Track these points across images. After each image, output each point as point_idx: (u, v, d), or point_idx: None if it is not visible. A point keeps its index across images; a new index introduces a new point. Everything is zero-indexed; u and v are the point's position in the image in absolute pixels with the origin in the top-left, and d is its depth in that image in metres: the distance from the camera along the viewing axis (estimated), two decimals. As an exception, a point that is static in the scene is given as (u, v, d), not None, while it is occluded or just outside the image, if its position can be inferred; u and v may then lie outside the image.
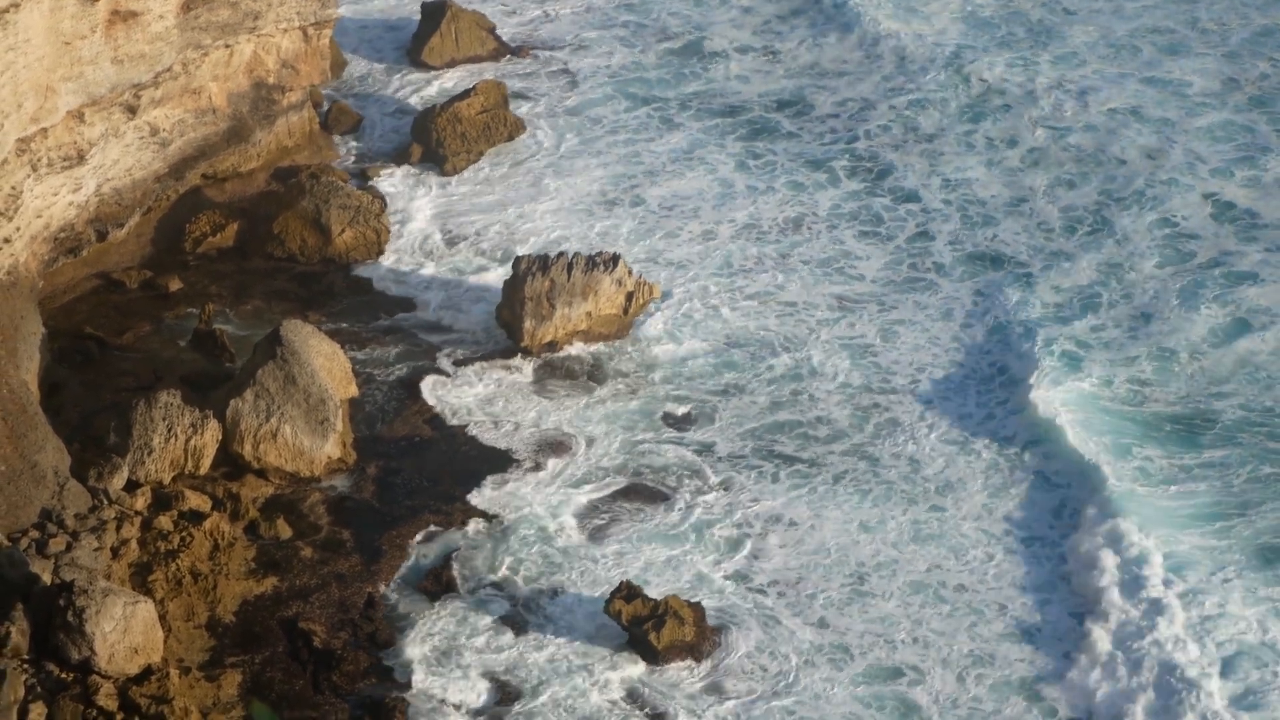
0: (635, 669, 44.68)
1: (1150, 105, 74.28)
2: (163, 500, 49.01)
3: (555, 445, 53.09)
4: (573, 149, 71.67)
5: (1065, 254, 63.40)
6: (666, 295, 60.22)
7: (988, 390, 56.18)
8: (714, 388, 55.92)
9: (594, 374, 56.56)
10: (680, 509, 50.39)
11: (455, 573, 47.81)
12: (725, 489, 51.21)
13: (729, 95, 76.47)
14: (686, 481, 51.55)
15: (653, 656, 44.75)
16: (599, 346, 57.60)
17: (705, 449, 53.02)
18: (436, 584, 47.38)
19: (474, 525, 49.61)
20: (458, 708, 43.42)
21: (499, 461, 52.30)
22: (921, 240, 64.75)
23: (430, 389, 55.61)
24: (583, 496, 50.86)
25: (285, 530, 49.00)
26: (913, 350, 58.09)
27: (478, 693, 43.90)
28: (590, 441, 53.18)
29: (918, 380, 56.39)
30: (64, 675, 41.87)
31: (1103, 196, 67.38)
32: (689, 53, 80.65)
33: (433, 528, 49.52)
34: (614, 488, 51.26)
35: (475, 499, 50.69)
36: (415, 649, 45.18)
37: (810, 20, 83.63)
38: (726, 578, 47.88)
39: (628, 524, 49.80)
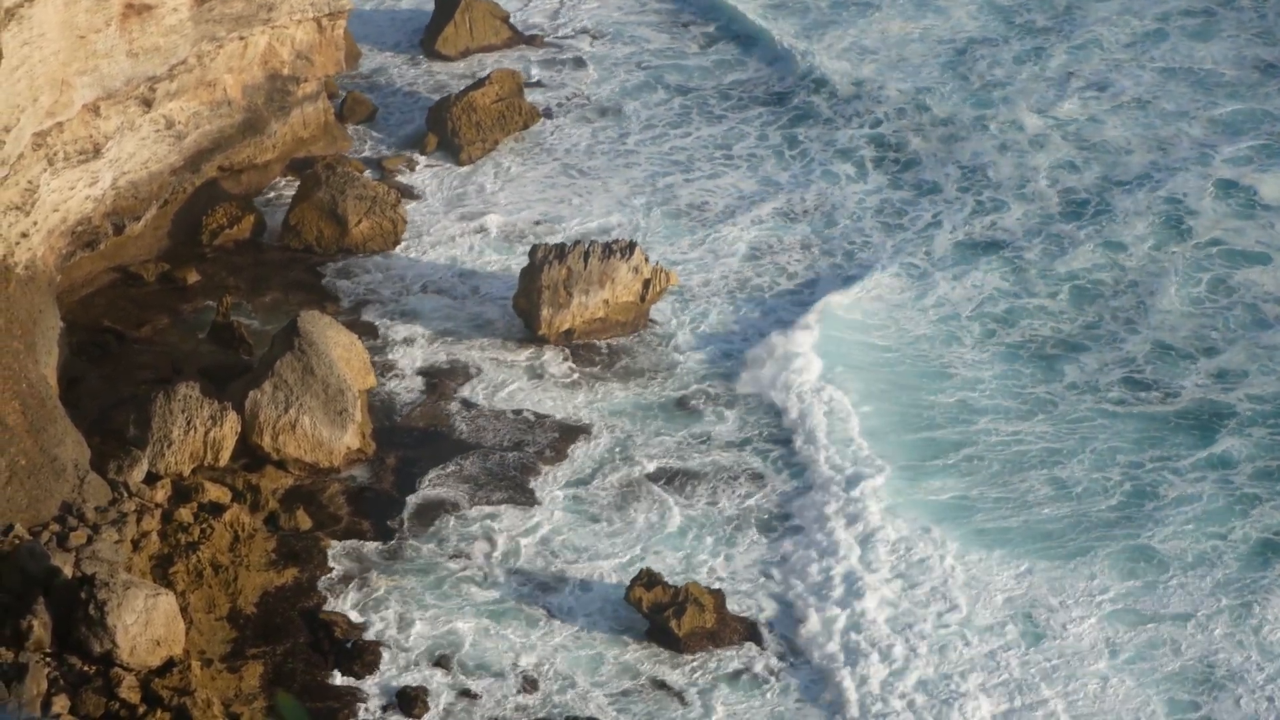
0: (656, 656, 44.65)
1: (1165, 98, 73.60)
2: (182, 492, 49.10)
3: (573, 434, 53.07)
4: (586, 135, 71.70)
5: (1067, 240, 63.07)
6: (686, 286, 60.25)
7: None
8: (730, 378, 55.78)
9: (611, 363, 56.51)
10: (700, 497, 50.34)
11: (475, 561, 47.82)
12: (743, 477, 51.15)
13: (759, 82, 76.38)
14: (705, 471, 51.48)
15: (674, 644, 44.73)
16: (616, 335, 57.55)
17: (723, 439, 52.97)
18: (457, 573, 47.37)
19: (493, 513, 49.60)
20: (479, 696, 43.44)
21: (517, 450, 52.29)
22: (932, 229, 64.52)
23: (447, 378, 55.64)
24: (601, 485, 50.83)
25: (305, 521, 49.06)
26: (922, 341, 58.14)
27: (499, 681, 43.92)
28: (608, 430, 53.15)
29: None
30: (86, 668, 41.96)
31: (1104, 183, 66.91)
32: (713, 39, 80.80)
33: (452, 516, 49.52)
34: (633, 476, 51.21)
35: (494, 487, 50.71)
36: (436, 638, 45.19)
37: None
38: (746, 565, 47.85)
39: (648, 512, 49.75)
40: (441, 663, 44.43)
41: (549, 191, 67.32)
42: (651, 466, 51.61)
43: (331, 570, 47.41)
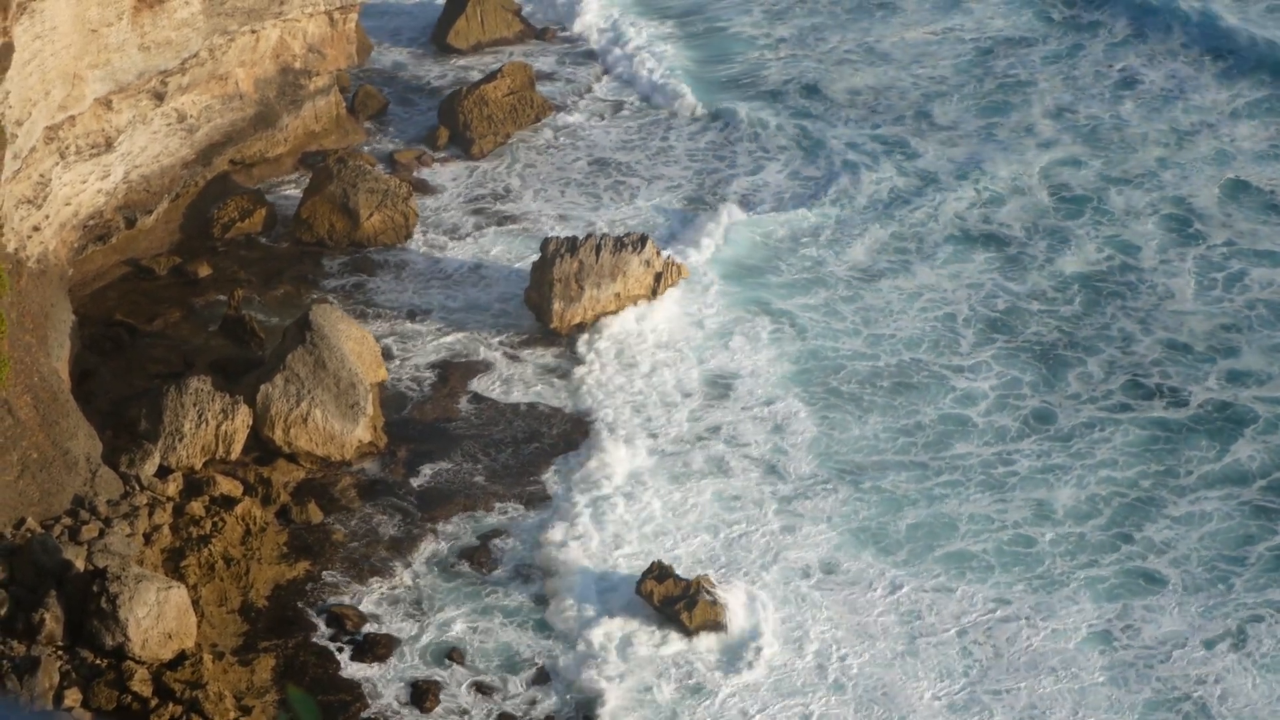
0: (667, 649, 44.55)
1: (1193, 91, 72.49)
2: (194, 486, 49.12)
3: (584, 426, 52.99)
4: (596, 128, 71.62)
5: (1072, 238, 62.14)
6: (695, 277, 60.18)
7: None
8: (738, 369, 55.64)
9: (622, 355, 56.38)
10: (711, 488, 50.19)
11: (487, 555, 47.80)
12: (757, 468, 51.03)
13: (763, 81, 76.16)
14: (717, 462, 51.34)
15: (685, 637, 44.62)
16: (631, 324, 57.46)
17: (734, 427, 52.81)
18: (468, 566, 47.41)
19: (505, 507, 49.58)
20: (491, 689, 43.41)
21: (529, 443, 52.25)
22: (931, 224, 63.86)
23: (459, 372, 55.62)
24: (612, 477, 50.71)
25: (317, 514, 49.07)
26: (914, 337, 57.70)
27: (511, 674, 43.89)
28: (620, 422, 53.05)
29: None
30: (98, 661, 41.98)
31: (1105, 181, 65.93)
32: (710, 35, 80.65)
33: (464, 510, 49.51)
34: (645, 469, 51.10)
35: (506, 481, 50.67)
36: (448, 631, 45.18)
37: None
38: (761, 557, 47.69)
39: (659, 504, 49.63)
40: (453, 656, 44.40)
41: (559, 184, 67.25)
42: (663, 457, 51.48)
43: (343, 563, 47.42)
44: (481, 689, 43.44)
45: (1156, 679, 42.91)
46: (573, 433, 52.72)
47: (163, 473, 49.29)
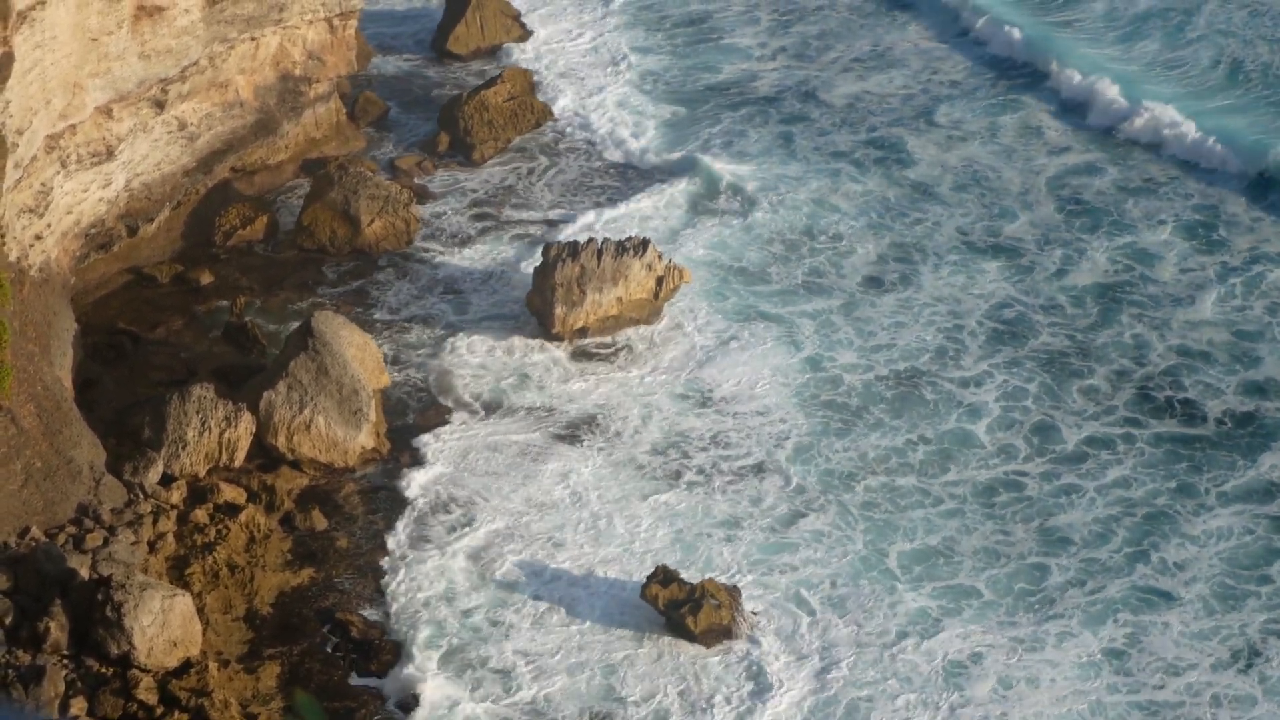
0: (673, 652, 44.55)
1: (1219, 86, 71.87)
2: (198, 493, 49.15)
3: (588, 430, 52.98)
4: (595, 133, 71.58)
5: (1086, 246, 61.46)
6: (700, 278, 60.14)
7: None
8: (732, 378, 55.40)
9: (626, 358, 56.40)
10: (718, 493, 50.13)
11: (491, 560, 47.78)
12: (755, 476, 51.01)
13: (749, 88, 76.11)
14: (706, 475, 51.16)
15: (690, 641, 44.62)
16: (630, 331, 57.44)
17: (725, 439, 52.71)
18: (473, 572, 47.38)
19: (509, 511, 49.56)
20: (497, 695, 43.39)
21: (532, 447, 52.23)
22: (934, 232, 63.34)
23: (461, 377, 55.62)
24: (617, 481, 50.74)
25: (320, 521, 49.08)
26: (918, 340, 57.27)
27: (516, 679, 43.85)
28: (625, 425, 53.05)
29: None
30: (104, 670, 41.99)
31: (1129, 185, 65.55)
32: (702, 39, 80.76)
33: (467, 515, 49.50)
34: (649, 472, 51.08)
35: (508, 485, 50.66)
36: (454, 637, 45.17)
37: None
38: (765, 560, 47.67)
39: (663, 507, 49.60)
40: (459, 662, 44.39)
41: (560, 189, 67.27)
42: (667, 461, 51.43)
43: (347, 570, 47.43)
44: (487, 694, 43.43)
45: (1158, 702, 42.30)
46: (576, 436, 52.71)
47: (166, 480, 49.32)
